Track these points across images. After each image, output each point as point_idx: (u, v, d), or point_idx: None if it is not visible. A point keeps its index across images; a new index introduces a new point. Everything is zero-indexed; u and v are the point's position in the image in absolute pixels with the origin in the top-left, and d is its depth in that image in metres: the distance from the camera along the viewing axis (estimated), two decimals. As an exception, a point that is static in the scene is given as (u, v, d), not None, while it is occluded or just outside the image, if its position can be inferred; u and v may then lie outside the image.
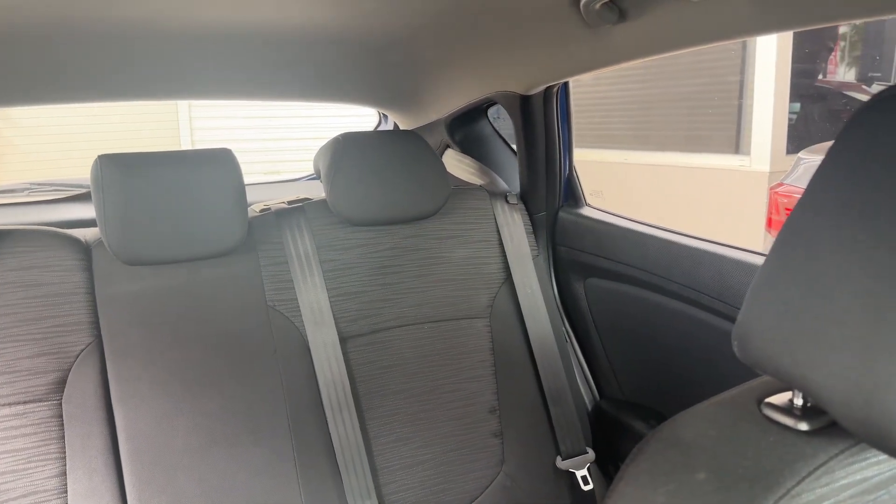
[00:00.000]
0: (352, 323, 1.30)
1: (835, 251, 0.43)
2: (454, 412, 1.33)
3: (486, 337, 1.39)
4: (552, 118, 1.49)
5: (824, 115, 5.08)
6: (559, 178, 1.54)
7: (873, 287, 0.40)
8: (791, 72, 4.58)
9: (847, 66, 5.33)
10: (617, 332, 1.48)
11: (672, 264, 1.28)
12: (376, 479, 1.25)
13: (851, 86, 5.15)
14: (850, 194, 0.42)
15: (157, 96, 1.64)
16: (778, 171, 4.34)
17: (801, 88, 4.80)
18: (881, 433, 0.40)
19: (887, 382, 0.39)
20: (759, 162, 4.68)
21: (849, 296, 0.41)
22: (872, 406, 0.40)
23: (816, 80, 5.12)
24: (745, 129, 4.86)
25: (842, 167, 0.44)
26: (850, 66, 5.33)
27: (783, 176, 3.22)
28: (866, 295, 0.40)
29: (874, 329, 0.40)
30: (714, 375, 1.26)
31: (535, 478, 1.36)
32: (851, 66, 5.33)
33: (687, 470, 0.48)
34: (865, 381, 0.40)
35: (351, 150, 1.30)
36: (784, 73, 4.57)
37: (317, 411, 1.22)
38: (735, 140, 4.95)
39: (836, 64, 5.30)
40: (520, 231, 1.45)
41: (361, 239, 1.34)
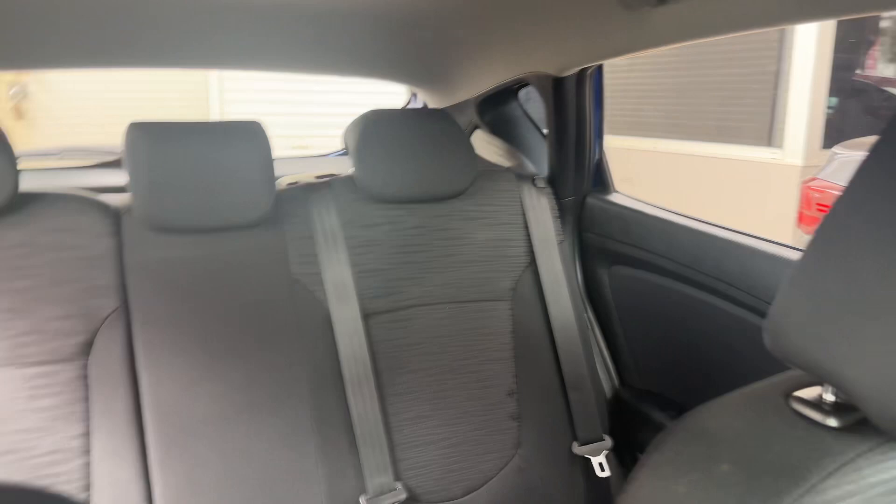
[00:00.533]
0: (375, 300, 1.30)
1: (876, 246, 0.42)
2: (473, 393, 1.34)
3: (507, 320, 1.38)
4: (584, 101, 1.47)
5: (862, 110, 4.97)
6: (588, 163, 1.52)
7: None
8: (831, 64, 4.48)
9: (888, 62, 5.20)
10: (640, 321, 1.47)
11: (700, 255, 1.27)
12: (393, 454, 1.26)
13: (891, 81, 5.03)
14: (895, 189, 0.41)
15: (189, 65, 1.65)
16: (811, 166, 4.26)
17: (840, 82, 4.69)
18: None
19: None
20: (792, 155, 4.59)
21: (888, 291, 0.40)
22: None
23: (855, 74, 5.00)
24: (778, 121, 4.77)
25: (886, 161, 0.43)
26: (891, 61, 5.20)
27: (817, 171, 3.16)
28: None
29: None
30: (737, 369, 1.24)
31: (551, 462, 1.36)
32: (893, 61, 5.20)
33: (711, 460, 0.48)
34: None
35: (380, 127, 1.29)
36: (823, 65, 4.47)
37: (337, 385, 1.23)
38: (768, 132, 4.86)
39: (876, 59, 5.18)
40: (546, 215, 1.44)
41: (387, 216, 1.34)
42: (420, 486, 1.28)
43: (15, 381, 1.09)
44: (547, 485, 1.36)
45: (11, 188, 1.09)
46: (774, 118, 4.81)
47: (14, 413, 1.09)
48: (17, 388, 1.09)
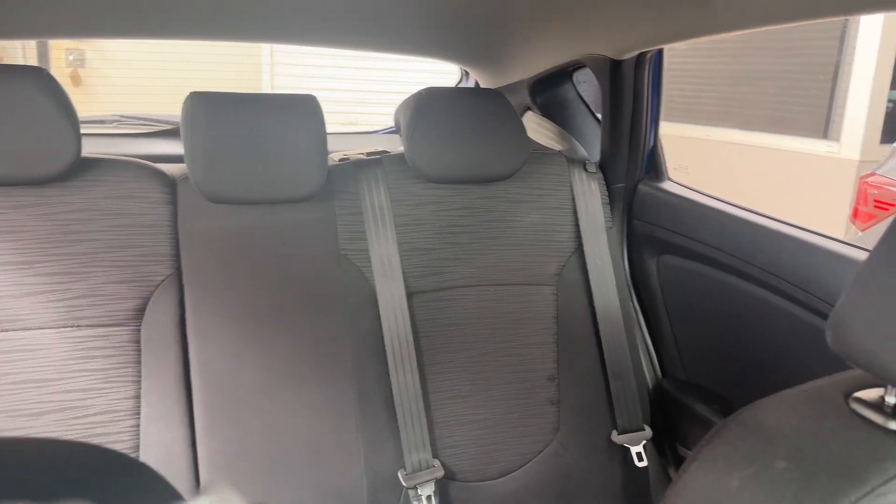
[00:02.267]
0: (420, 278, 1.31)
1: None
2: (513, 376, 1.34)
3: (551, 305, 1.38)
4: (642, 86, 1.44)
5: (927, 105, 4.77)
6: (643, 149, 1.50)
7: None
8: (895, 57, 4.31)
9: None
10: (687, 313, 1.44)
11: (753, 247, 1.24)
12: (432, 432, 1.27)
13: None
14: None
15: (242, 37, 1.66)
16: (869, 161, 4.12)
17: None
18: None
19: None
20: (848, 149, 4.45)
21: None
22: None
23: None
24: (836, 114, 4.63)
25: None
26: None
27: (876, 166, 3.05)
28: None
29: None
30: (785, 366, 1.22)
31: (589, 448, 1.36)
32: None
33: (766, 456, 0.47)
34: None
35: (433, 106, 1.29)
36: (887, 58, 4.30)
37: (379, 360, 1.25)
38: (824, 124, 4.71)
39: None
40: (596, 201, 1.42)
41: (435, 196, 1.34)
42: (457, 465, 1.29)
43: (70, 342, 1.13)
44: (584, 471, 1.36)
45: (74, 153, 1.11)
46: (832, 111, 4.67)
47: (69, 373, 1.13)
48: (72, 348, 1.13)
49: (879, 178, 2.91)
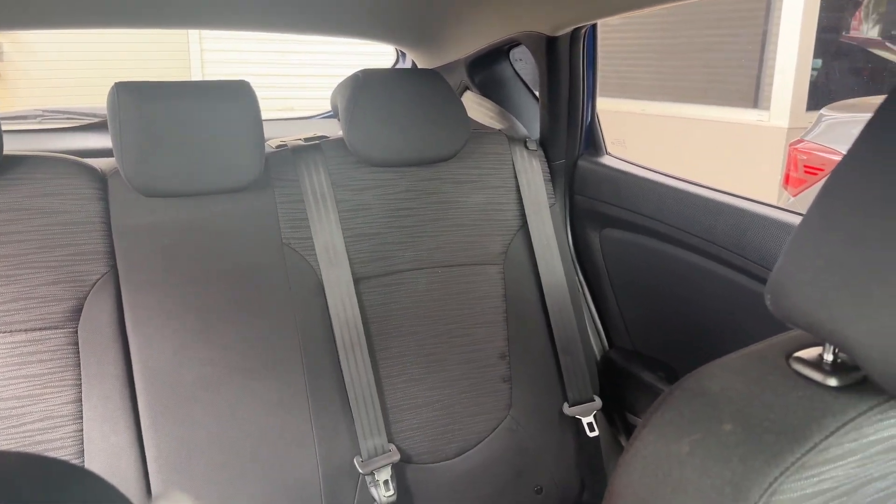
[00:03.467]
0: (366, 264, 1.30)
1: (882, 205, 0.42)
2: (464, 356, 1.34)
3: (499, 283, 1.39)
4: (578, 62, 1.45)
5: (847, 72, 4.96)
6: (581, 125, 1.51)
7: None
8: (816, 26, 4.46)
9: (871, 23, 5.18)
10: (630, 284, 1.47)
11: (690, 216, 1.27)
12: (386, 417, 1.27)
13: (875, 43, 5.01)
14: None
15: (168, 24, 1.60)
16: (797, 128, 4.27)
17: (825, 44, 4.68)
18: None
19: None
20: (778, 117, 4.60)
21: (893, 252, 0.40)
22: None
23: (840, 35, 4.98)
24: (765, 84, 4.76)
25: (892, 123, 0.42)
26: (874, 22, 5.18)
27: (804, 132, 3.16)
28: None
29: None
30: (726, 330, 1.26)
31: (542, 422, 1.38)
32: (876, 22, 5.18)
33: (713, 420, 0.48)
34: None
35: (370, 88, 1.27)
36: (810, 27, 4.45)
37: (330, 349, 1.23)
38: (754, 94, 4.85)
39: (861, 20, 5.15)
40: (538, 178, 1.43)
41: (378, 180, 1.32)
42: (413, 447, 1.29)
43: (3, 348, 1.08)
44: (538, 445, 1.38)
45: None
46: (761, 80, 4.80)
47: (3, 380, 1.08)
48: (5, 354, 1.08)
49: (808, 145, 3.02)
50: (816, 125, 3.08)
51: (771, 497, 0.43)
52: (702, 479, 0.46)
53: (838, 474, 0.44)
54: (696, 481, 0.46)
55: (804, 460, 0.44)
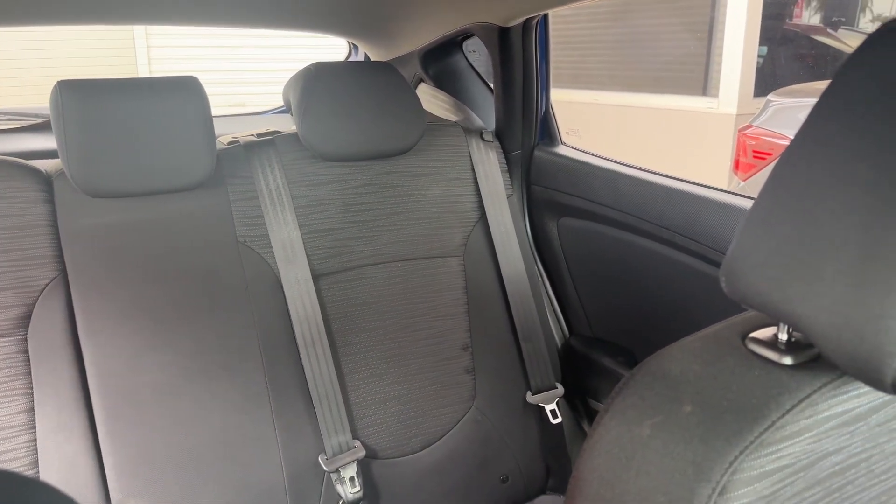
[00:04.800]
0: (325, 260, 1.28)
1: (831, 185, 0.43)
2: (427, 349, 1.34)
3: (459, 275, 1.39)
4: (531, 53, 1.46)
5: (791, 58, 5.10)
6: (536, 115, 1.52)
7: (869, 221, 0.40)
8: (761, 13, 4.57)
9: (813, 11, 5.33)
10: (588, 271, 1.49)
11: (645, 203, 1.29)
12: (350, 413, 1.26)
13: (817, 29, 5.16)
14: (850, 129, 0.42)
15: (111, 20, 1.55)
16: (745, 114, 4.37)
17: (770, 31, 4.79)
18: (869, 366, 0.41)
19: (879, 316, 0.39)
20: (726, 104, 4.70)
21: (843, 230, 0.41)
22: (863, 340, 0.40)
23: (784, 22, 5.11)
24: (713, 71, 4.86)
25: (841, 102, 0.43)
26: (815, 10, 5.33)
27: (752, 118, 3.24)
28: (861, 229, 0.40)
29: (868, 263, 0.40)
30: (683, 313, 1.28)
31: (506, 411, 1.39)
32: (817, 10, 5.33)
33: (673, 403, 0.49)
34: (857, 315, 0.41)
35: (323, 82, 1.26)
36: (755, 14, 4.55)
37: (290, 347, 1.22)
38: (703, 82, 4.95)
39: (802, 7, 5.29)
40: (494, 169, 1.44)
41: (334, 175, 1.31)
42: (378, 442, 1.28)
43: None
44: (502, 434, 1.38)
45: None
46: (709, 68, 4.90)
47: None
48: None
49: (756, 130, 3.09)
50: (764, 111, 3.16)
51: (732, 476, 0.44)
52: (664, 460, 0.46)
53: (795, 450, 0.45)
54: (659, 463, 0.47)
55: (763, 438, 0.44)
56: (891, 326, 0.39)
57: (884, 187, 0.39)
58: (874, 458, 0.49)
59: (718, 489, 0.43)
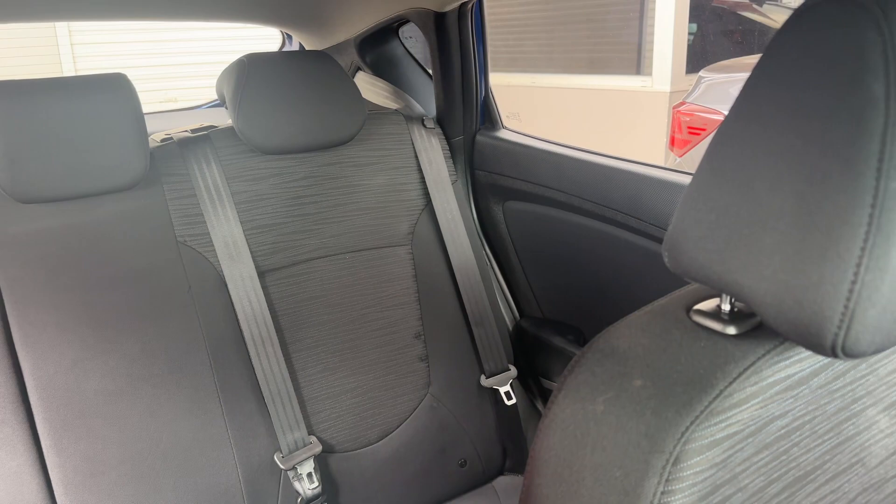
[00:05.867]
0: (269, 256, 1.26)
1: (766, 157, 0.44)
2: (380, 339, 1.34)
3: (408, 264, 1.38)
4: (468, 37, 1.45)
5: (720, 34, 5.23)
6: (476, 100, 1.52)
7: (804, 190, 0.41)
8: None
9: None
10: (535, 253, 1.50)
11: (587, 184, 1.31)
12: (304, 409, 1.25)
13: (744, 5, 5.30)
14: (782, 101, 0.43)
15: (30, 16, 1.48)
16: (678, 91, 4.47)
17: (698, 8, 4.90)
18: (809, 331, 0.42)
19: (816, 283, 0.41)
20: (660, 82, 4.79)
21: (780, 201, 0.43)
22: (803, 306, 0.42)
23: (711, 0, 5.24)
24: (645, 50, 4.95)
25: (773, 75, 0.44)
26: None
27: (685, 95, 3.31)
28: (797, 199, 0.41)
29: (805, 232, 0.41)
30: (629, 290, 1.31)
31: (461, 397, 1.40)
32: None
33: (624, 378, 0.50)
34: (796, 282, 0.42)
35: (258, 73, 1.23)
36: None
37: (239, 347, 1.20)
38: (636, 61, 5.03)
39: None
40: (438, 156, 1.43)
41: (274, 168, 1.28)
42: (335, 437, 1.27)
43: None
44: (458, 419, 1.39)
45: None
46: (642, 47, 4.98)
47: None
48: None
49: (690, 107, 3.17)
50: (696, 87, 3.23)
51: (685, 446, 0.45)
52: (618, 435, 0.47)
53: (743, 417, 0.46)
54: (614, 438, 0.47)
55: (712, 407, 0.46)
56: (828, 292, 0.40)
57: (814, 158, 0.40)
58: (817, 420, 0.51)
59: (672, 459, 0.44)
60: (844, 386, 0.53)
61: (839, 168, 0.39)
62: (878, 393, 0.56)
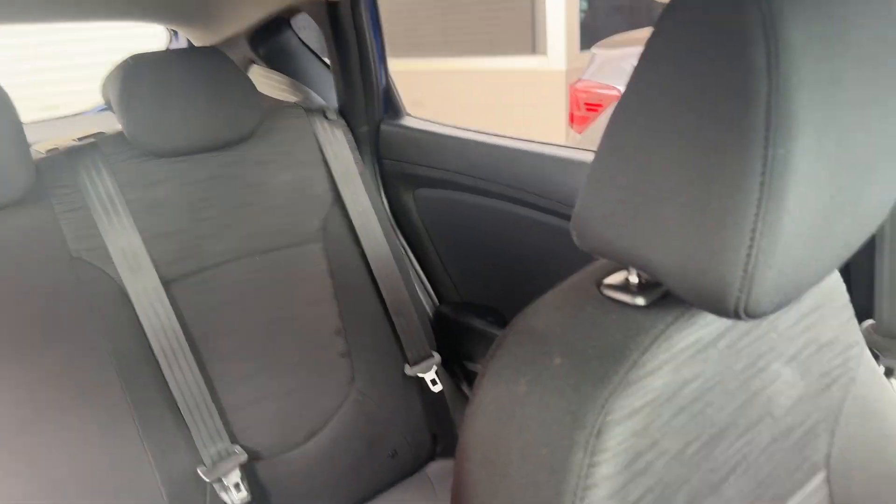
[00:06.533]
0: (174, 264, 1.21)
1: (663, 133, 0.45)
2: (300, 339, 1.31)
3: (322, 260, 1.36)
4: (363, 25, 1.43)
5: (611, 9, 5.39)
6: (377, 89, 1.50)
7: (701, 163, 0.42)
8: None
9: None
10: (449, 239, 1.51)
11: (496, 167, 1.32)
12: (225, 419, 1.21)
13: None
14: (673, 77, 0.44)
15: None
16: (574, 69, 4.58)
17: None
18: (714, 297, 0.44)
19: (717, 251, 0.42)
20: (556, 61, 4.90)
21: (678, 175, 0.44)
22: (705, 273, 0.43)
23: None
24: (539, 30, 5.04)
25: (663, 52, 0.45)
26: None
27: (581, 72, 3.39)
28: (695, 171, 0.43)
29: (704, 203, 0.43)
30: (543, 269, 1.33)
31: (386, 388, 1.39)
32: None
33: (544, 357, 0.51)
34: (698, 251, 0.43)
35: (145, 73, 1.17)
36: (572, -30, 4.75)
37: (149, 362, 1.14)
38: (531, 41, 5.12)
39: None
40: (343, 148, 1.41)
41: (171, 172, 1.23)
42: (260, 442, 1.24)
43: None
44: (386, 411, 1.39)
45: None
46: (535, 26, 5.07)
47: None
48: None
49: (586, 83, 3.25)
50: (591, 64, 3.32)
51: (606, 417, 0.46)
52: (542, 413, 0.48)
53: (658, 384, 0.48)
54: (538, 417, 0.48)
55: (628, 377, 0.47)
56: (728, 259, 0.42)
57: (708, 131, 0.42)
58: (727, 379, 0.54)
59: (595, 432, 0.46)
60: (749, 344, 0.56)
61: (731, 139, 0.41)
62: (780, 348, 0.59)
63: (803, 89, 0.40)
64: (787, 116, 0.39)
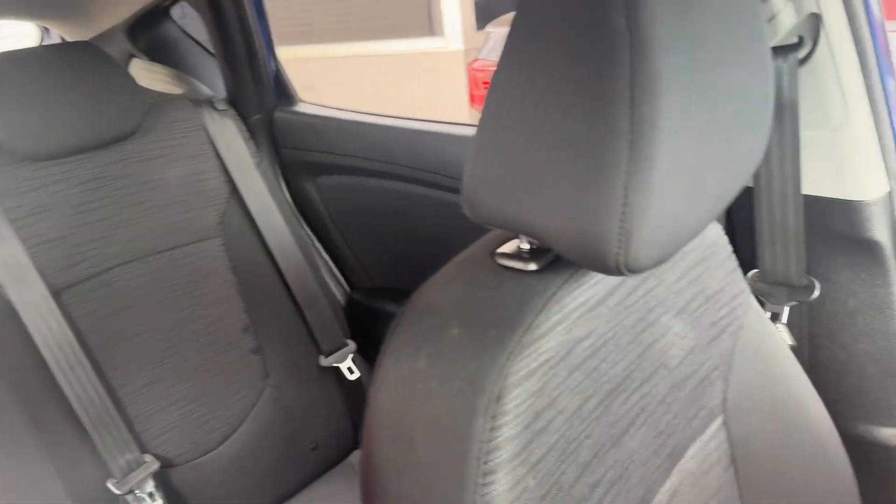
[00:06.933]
0: (63, 272, 1.14)
1: (539, 102, 0.46)
2: (204, 340, 1.27)
3: (222, 257, 1.32)
4: (245, 13, 1.39)
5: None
6: (266, 77, 1.46)
7: (575, 127, 0.44)
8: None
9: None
10: (355, 225, 1.50)
11: (396, 149, 1.31)
12: (132, 429, 1.16)
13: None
14: (543, 46, 0.45)
15: None
16: (472, 48, 4.61)
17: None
18: (595, 255, 0.45)
19: (594, 210, 0.44)
20: (454, 41, 4.91)
21: (557, 142, 0.45)
22: (587, 234, 0.45)
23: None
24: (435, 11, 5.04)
25: (531, 23, 0.46)
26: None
27: (477, 52, 3.42)
28: (571, 135, 0.44)
29: (580, 166, 0.44)
30: (446, 246, 1.34)
31: (302, 381, 1.37)
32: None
33: (442, 330, 0.51)
34: (580, 214, 0.45)
35: (14, 73, 1.09)
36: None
37: (44, 376, 1.08)
38: (428, 22, 5.11)
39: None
40: (236, 138, 1.36)
41: (51, 175, 1.16)
42: (172, 450, 1.20)
43: None
44: (303, 405, 1.37)
45: None
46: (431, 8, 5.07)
47: None
48: None
49: (482, 62, 3.28)
50: (486, 43, 3.35)
51: (505, 381, 0.47)
52: (444, 385, 0.49)
53: (552, 344, 0.49)
54: (440, 389, 0.49)
55: (523, 341, 0.48)
56: (604, 217, 0.43)
57: (580, 96, 0.43)
58: (619, 335, 0.56)
59: (494, 397, 0.46)
60: (638, 300, 0.58)
61: (599, 102, 0.42)
62: (668, 301, 0.62)
63: (664, 49, 0.41)
64: (650, 77, 0.41)
